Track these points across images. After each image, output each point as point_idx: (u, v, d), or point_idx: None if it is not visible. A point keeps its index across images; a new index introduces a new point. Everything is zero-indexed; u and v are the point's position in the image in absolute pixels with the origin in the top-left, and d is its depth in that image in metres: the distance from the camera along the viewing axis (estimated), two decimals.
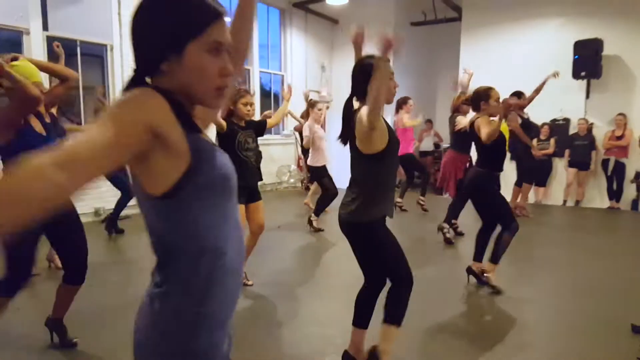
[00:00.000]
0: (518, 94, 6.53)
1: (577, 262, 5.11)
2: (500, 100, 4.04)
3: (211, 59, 1.01)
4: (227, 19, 1.09)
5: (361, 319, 2.66)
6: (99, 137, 0.83)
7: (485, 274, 4.11)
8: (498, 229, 4.10)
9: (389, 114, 9.43)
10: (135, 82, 1.03)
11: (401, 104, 6.97)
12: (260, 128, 4.12)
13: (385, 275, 2.63)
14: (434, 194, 8.92)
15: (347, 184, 2.55)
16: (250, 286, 4.08)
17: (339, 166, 9.33)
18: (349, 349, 2.68)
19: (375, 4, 10.48)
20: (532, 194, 9.02)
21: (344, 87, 11.28)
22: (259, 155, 4.11)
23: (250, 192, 3.98)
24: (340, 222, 2.57)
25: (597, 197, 8.75)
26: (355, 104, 2.56)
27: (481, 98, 3.94)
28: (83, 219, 3.04)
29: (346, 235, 2.57)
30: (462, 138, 5.44)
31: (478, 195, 4.09)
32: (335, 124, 5.45)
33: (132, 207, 5.68)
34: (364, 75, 2.37)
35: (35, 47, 5.97)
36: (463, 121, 5.51)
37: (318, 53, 11.37)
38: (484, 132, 3.77)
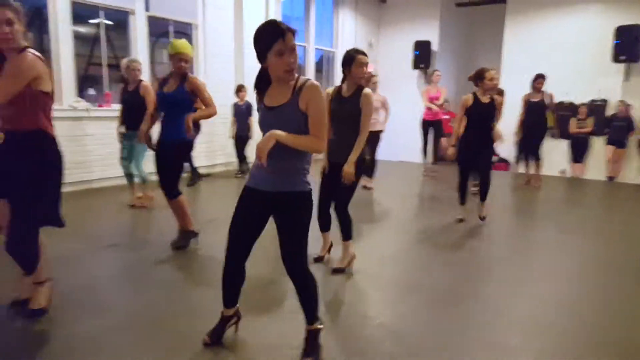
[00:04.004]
0: (542, 75, 7.68)
1: (608, 219, 5.98)
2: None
3: (279, 59, 2.04)
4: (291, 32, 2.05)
5: (324, 226, 3.86)
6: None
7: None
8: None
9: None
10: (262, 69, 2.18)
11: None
12: None
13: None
14: None
15: None
16: None
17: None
18: (321, 252, 3.90)
19: None
20: (570, 170, 9.70)
21: (389, 64, 11.96)
22: None
23: None
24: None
25: (632, 174, 9.36)
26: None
27: (478, 77, 5.12)
28: None
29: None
30: None
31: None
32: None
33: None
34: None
35: (139, 26, 6.76)
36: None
37: (366, 31, 11.98)
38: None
